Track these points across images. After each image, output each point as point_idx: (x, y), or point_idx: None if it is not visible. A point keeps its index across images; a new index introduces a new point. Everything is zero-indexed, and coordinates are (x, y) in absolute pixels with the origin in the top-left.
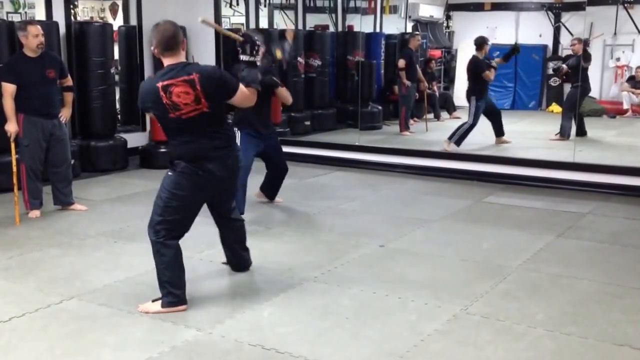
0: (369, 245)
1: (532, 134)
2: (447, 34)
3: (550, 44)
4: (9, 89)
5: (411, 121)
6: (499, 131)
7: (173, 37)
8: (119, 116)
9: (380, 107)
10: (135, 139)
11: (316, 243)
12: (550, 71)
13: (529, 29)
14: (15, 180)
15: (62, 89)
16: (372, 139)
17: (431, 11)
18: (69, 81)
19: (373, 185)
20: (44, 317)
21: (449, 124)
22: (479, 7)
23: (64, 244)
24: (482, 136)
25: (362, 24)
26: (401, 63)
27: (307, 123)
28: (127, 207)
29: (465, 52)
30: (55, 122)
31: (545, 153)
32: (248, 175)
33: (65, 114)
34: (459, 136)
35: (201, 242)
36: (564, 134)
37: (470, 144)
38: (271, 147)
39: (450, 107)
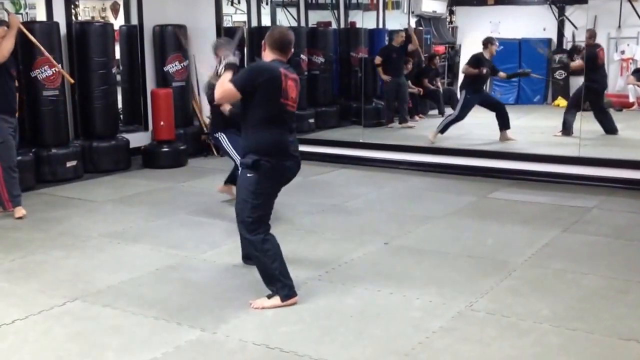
0: (373, 243)
1: (537, 128)
2: (450, 29)
3: (554, 38)
4: None
5: (416, 117)
6: (504, 124)
7: (290, 43)
8: (121, 116)
9: (382, 104)
10: (138, 139)
11: (320, 241)
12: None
13: (533, 23)
14: None
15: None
16: (376, 136)
17: (434, 6)
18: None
19: (377, 183)
20: (48, 320)
21: None
22: (482, 2)
23: (67, 246)
24: (489, 131)
25: (365, 20)
26: (377, 60)
27: (311, 120)
28: (130, 208)
29: (468, 48)
30: (16, 121)
31: (551, 148)
32: None
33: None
34: (443, 126)
35: (203, 243)
36: (567, 130)
37: (474, 139)
38: None
39: (454, 102)
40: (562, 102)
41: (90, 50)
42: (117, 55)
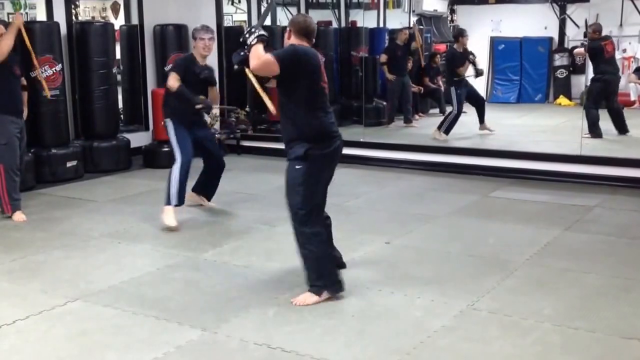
0: (374, 242)
1: (539, 127)
2: (451, 27)
3: (555, 37)
4: None
5: (416, 116)
6: (482, 118)
7: (315, 30)
8: (122, 116)
9: (384, 103)
10: (138, 139)
11: None
12: (557, 63)
13: (534, 22)
14: None
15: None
16: (377, 135)
17: (435, 5)
18: (24, 80)
19: (378, 182)
20: (49, 319)
21: None
22: (484, 1)
23: (68, 246)
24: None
25: (366, 19)
26: (382, 58)
27: None
28: (131, 208)
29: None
30: (23, 121)
31: (552, 146)
32: (189, 170)
33: (25, 113)
34: (447, 125)
35: (205, 242)
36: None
37: (475, 138)
38: (207, 138)
39: None
40: (563, 100)
41: (91, 50)
42: (118, 55)
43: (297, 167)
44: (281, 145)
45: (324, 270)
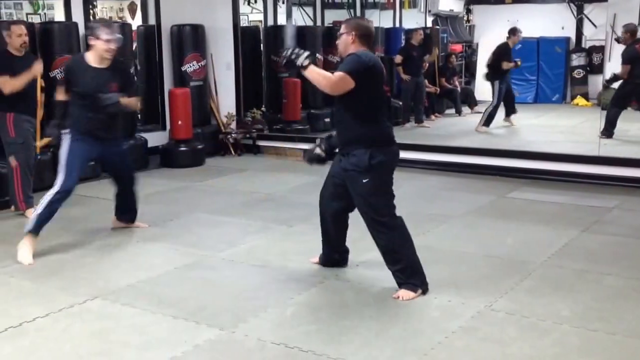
0: None
1: (556, 127)
2: (467, 28)
3: (573, 36)
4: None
5: (432, 116)
6: (511, 111)
7: (373, 35)
8: (139, 116)
9: (400, 103)
10: (156, 139)
11: None
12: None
13: (551, 22)
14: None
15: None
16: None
17: (451, 5)
18: (42, 82)
19: (393, 182)
20: (68, 317)
21: (470, 119)
22: (500, 0)
23: (86, 244)
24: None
25: (381, 19)
26: (397, 59)
27: (327, 120)
28: (148, 207)
29: (486, 46)
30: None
31: (569, 147)
32: (65, 200)
33: (40, 114)
34: (486, 118)
35: (221, 242)
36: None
37: (491, 138)
38: (115, 155)
39: (471, 102)
40: (581, 101)
41: None
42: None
43: (364, 181)
44: (297, 145)
45: (419, 269)
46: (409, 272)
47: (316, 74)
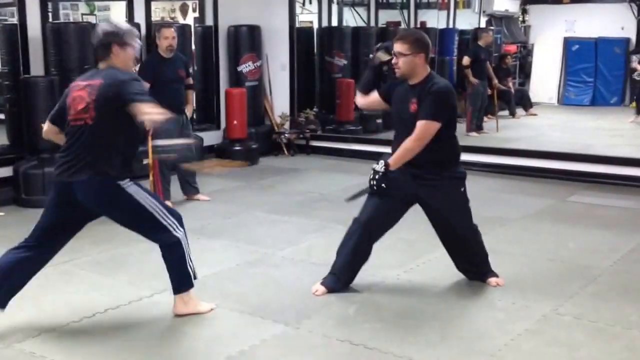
0: None
1: (614, 130)
2: (522, 28)
3: (633, 37)
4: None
5: (485, 118)
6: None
7: None
8: (195, 115)
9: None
10: (211, 138)
11: (396, 241)
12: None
13: (610, 22)
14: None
15: (185, 87)
16: None
17: (506, 5)
18: (190, 80)
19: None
20: (138, 309)
21: (524, 121)
22: (557, 0)
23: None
24: (562, 133)
25: (435, 20)
26: (465, 60)
27: (379, 121)
28: (207, 205)
29: (542, 47)
30: (183, 118)
31: (630, 150)
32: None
33: (189, 110)
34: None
35: (281, 240)
36: None
37: (546, 141)
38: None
39: (526, 103)
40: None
41: None
42: None
43: (462, 189)
44: (349, 146)
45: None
46: (487, 264)
47: (405, 154)
